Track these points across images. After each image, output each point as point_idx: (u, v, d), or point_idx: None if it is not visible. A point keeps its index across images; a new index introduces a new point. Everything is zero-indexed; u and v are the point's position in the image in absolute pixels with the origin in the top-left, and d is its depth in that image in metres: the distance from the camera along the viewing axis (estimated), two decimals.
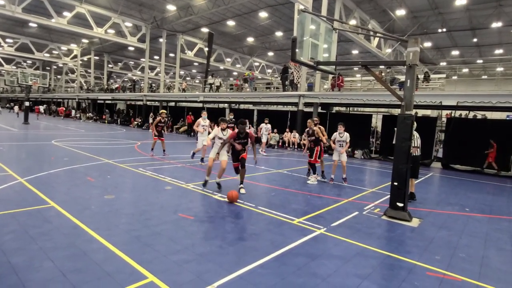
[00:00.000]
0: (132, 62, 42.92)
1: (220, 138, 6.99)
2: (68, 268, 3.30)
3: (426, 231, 5.16)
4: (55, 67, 48.02)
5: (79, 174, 7.59)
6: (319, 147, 8.33)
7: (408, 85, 5.70)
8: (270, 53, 33.04)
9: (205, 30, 26.34)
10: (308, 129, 8.59)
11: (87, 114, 35.27)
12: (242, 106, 27.44)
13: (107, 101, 36.81)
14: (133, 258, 3.58)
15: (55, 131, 19.41)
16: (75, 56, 38.41)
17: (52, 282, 3.05)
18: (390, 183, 5.90)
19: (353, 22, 18.73)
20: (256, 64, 36.48)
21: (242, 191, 6.65)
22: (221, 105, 31.11)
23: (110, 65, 40.36)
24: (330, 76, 19.44)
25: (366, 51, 23.73)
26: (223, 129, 7.10)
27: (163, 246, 3.95)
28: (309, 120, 8.57)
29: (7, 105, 54.91)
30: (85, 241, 3.96)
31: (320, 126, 8.68)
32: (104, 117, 32.58)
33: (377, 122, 18.54)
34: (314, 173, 8.37)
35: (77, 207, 5.18)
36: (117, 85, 38.05)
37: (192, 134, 21.46)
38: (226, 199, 6.06)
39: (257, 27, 25.07)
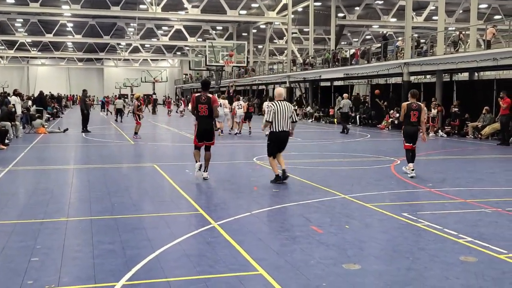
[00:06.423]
0: None
1: None
2: None
3: None
4: (254, 31, 53.17)
5: (296, 219, 7.77)
6: None
7: None
8: None
9: None
10: None
11: (307, 109, 38.39)
12: None
13: (335, 83, 38.95)
14: None
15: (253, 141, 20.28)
16: (285, 8, 38.78)
17: None
18: None
19: None
20: None
21: None
22: None
23: (340, 14, 39.29)
24: None
25: None
26: None
27: None
28: None
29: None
30: None
31: None
32: (331, 112, 34.65)
33: None
34: None
35: (298, 281, 5.00)
36: (352, 50, 34.91)
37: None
38: None
39: None
